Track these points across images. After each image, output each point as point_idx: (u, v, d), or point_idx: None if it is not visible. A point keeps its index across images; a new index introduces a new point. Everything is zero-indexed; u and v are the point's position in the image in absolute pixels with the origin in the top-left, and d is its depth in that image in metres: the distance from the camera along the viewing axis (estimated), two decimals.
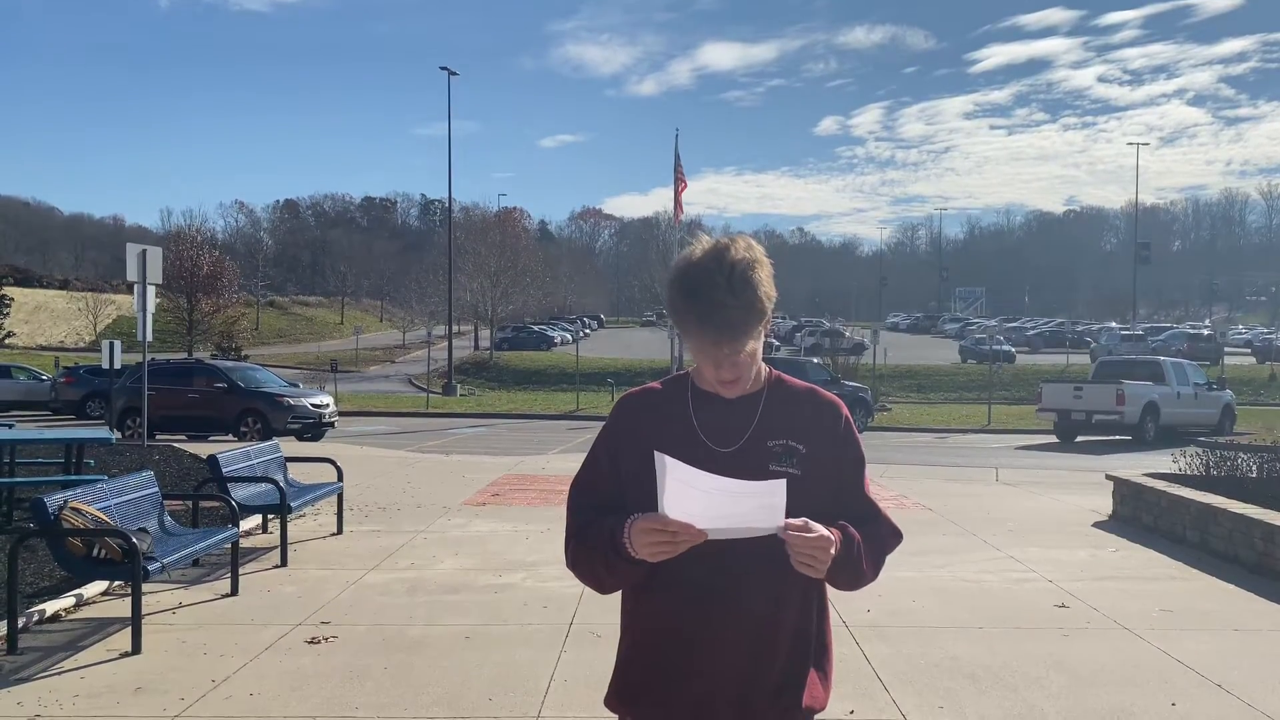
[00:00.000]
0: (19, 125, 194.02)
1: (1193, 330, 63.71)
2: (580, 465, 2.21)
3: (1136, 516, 10.14)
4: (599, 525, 2.03)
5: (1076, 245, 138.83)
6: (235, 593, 6.95)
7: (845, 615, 6.19)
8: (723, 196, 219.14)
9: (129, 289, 23.79)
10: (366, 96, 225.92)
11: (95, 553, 5.95)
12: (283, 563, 7.94)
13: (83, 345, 67.37)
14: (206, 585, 7.23)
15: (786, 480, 1.90)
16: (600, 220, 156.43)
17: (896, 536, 2.18)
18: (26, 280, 74.64)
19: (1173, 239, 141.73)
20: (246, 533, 8.72)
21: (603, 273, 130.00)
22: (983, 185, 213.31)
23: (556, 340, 71.30)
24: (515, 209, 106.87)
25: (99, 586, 6.79)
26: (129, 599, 5.82)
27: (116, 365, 21.87)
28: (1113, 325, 72.40)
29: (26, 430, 14.75)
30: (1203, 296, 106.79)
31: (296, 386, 25.99)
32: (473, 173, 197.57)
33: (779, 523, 1.88)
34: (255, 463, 8.97)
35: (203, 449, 14.82)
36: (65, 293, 76.88)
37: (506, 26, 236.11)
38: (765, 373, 2.13)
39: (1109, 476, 11.12)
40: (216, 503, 8.68)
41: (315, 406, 22.52)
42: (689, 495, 1.87)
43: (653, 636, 2.08)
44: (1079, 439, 24.16)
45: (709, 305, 1.94)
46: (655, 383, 2.21)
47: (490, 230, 68.33)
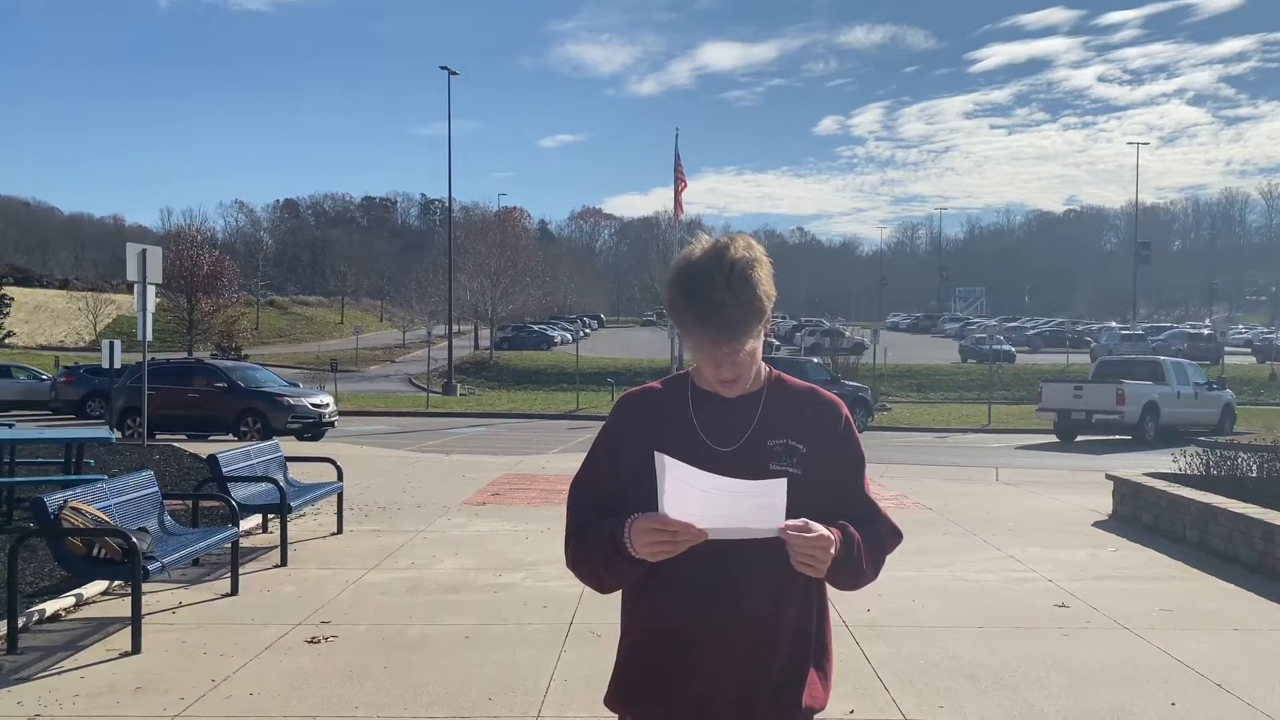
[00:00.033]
0: (19, 125, 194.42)
1: (1193, 330, 63.71)
2: (580, 465, 2.21)
3: (1136, 516, 10.14)
4: (599, 525, 2.03)
5: (1076, 245, 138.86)
6: (235, 592, 6.95)
7: (845, 615, 6.19)
8: (723, 196, 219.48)
9: (129, 289, 23.80)
10: (366, 96, 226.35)
11: (95, 552, 5.95)
12: (283, 562, 7.94)
13: (83, 345, 67.37)
14: (206, 585, 7.23)
15: (787, 480, 1.90)
16: (600, 220, 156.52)
17: (896, 536, 2.18)
18: (26, 280, 74.61)
19: (1173, 239, 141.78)
20: (246, 532, 8.72)
21: (603, 272, 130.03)
22: (983, 185, 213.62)
23: (556, 340, 71.30)
24: (515, 209, 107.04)
25: (99, 586, 6.79)
26: (129, 599, 5.82)
27: (116, 365, 21.88)
28: (1113, 325, 72.38)
29: (26, 430, 14.76)
30: (1203, 296, 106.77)
31: (296, 386, 25.98)
32: (473, 172, 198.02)
33: (779, 523, 1.88)
34: (255, 462, 8.97)
35: (203, 449, 14.82)
36: (65, 292, 76.87)
37: (506, 26, 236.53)
38: (765, 372, 2.13)
39: (1109, 476, 11.12)
40: (216, 502, 8.68)
41: (315, 406, 22.53)
42: (689, 495, 1.86)
43: (653, 636, 2.08)
44: (1079, 439, 24.16)
45: (708, 304, 1.94)
46: (655, 382, 2.21)
47: (490, 230, 68.34)
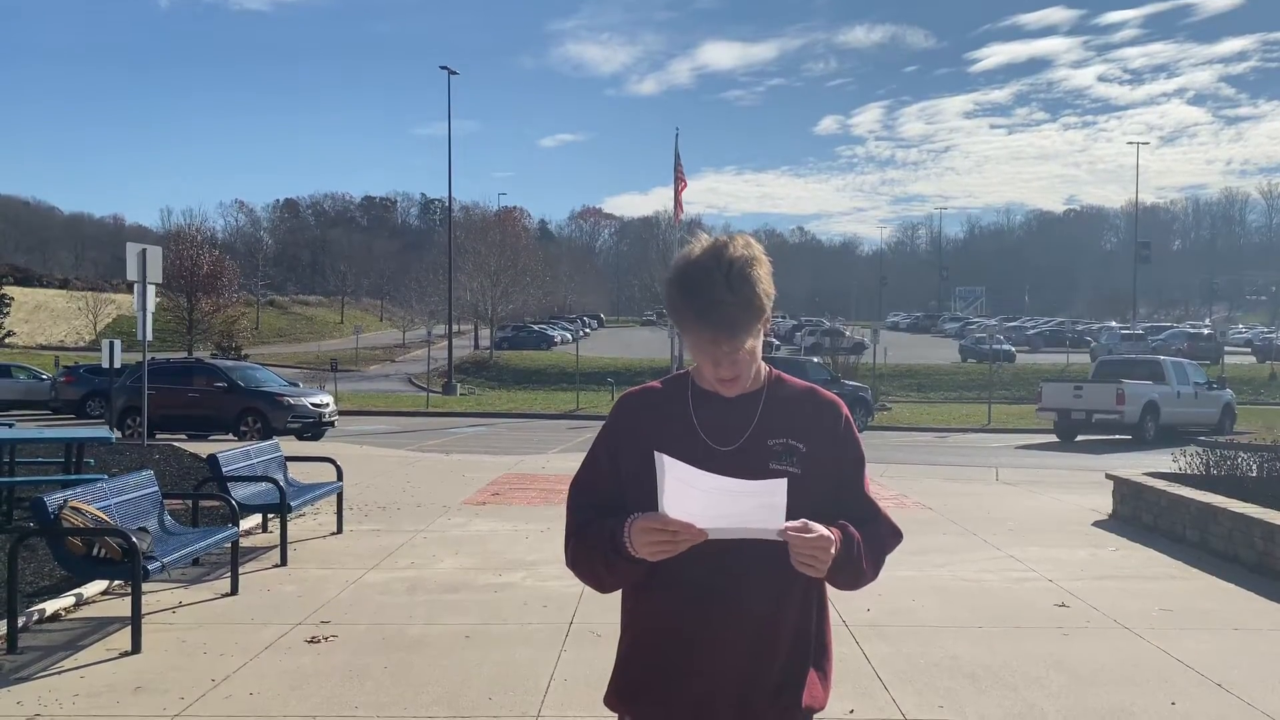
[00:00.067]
0: (19, 125, 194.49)
1: (1193, 329, 63.72)
2: (580, 464, 2.21)
3: (1136, 516, 10.14)
4: (599, 524, 2.03)
5: (1076, 244, 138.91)
6: (235, 592, 6.95)
7: (845, 614, 6.19)
8: (723, 196, 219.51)
9: (129, 288, 23.81)
10: (366, 96, 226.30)
11: (95, 552, 5.95)
12: (283, 562, 7.94)
13: (83, 344, 67.38)
14: (206, 584, 7.23)
15: (787, 479, 1.90)
16: (600, 219, 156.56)
17: (896, 536, 2.18)
18: (26, 279, 74.59)
19: (1173, 238, 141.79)
20: (246, 532, 8.72)
21: (603, 272, 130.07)
22: (983, 184, 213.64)
23: (556, 340, 71.30)
24: (515, 208, 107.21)
25: (99, 586, 6.79)
26: (129, 598, 5.82)
27: (116, 364, 21.87)
28: (1113, 325, 72.37)
29: (26, 429, 14.76)
30: (1203, 296, 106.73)
31: (296, 386, 25.96)
32: (473, 172, 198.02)
33: (779, 523, 1.88)
34: (255, 462, 8.97)
35: (203, 448, 14.82)
36: (65, 292, 76.84)
37: (506, 26, 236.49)
38: (765, 372, 2.13)
39: (1109, 476, 11.12)
40: (216, 502, 8.68)
41: (315, 406, 22.52)
42: (689, 495, 1.86)
43: (653, 636, 2.07)
44: (1079, 438, 24.16)
45: (707, 302, 1.94)
46: (655, 382, 2.21)
47: (490, 229, 68.34)
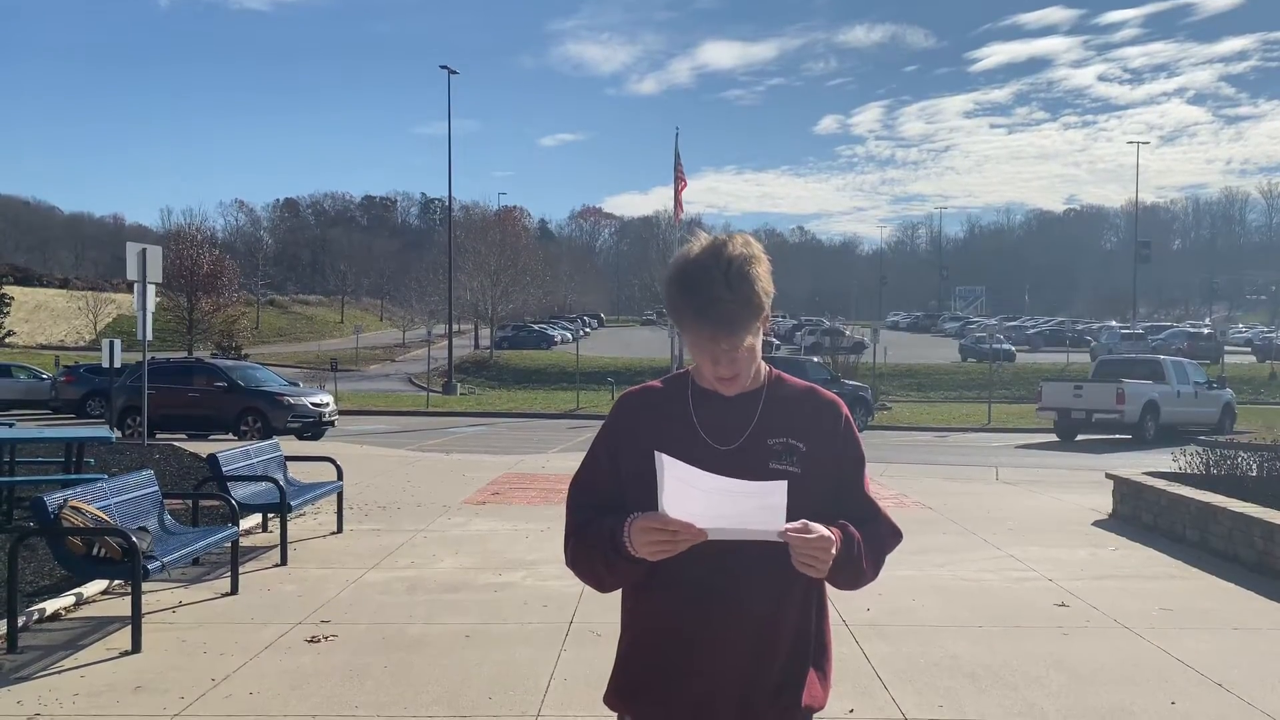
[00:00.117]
0: (19, 124, 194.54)
1: (1193, 329, 63.69)
2: (580, 464, 2.21)
3: (1136, 515, 10.13)
4: (599, 523, 2.03)
5: (1076, 244, 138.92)
6: (235, 591, 6.95)
7: (845, 614, 6.19)
8: (723, 195, 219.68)
9: (129, 288, 23.81)
10: (366, 95, 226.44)
11: (95, 551, 5.95)
12: (283, 561, 7.94)
13: (83, 344, 67.38)
14: (206, 584, 7.23)
15: (787, 480, 1.90)
16: (600, 219, 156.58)
17: (896, 536, 2.17)
18: (27, 279, 74.57)
19: (1173, 238, 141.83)
20: (246, 532, 8.72)
21: (603, 271, 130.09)
22: (983, 184, 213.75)
23: (556, 339, 71.29)
24: (515, 208, 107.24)
25: (99, 585, 6.79)
26: (129, 598, 5.82)
27: (116, 364, 21.88)
28: (1113, 324, 72.39)
29: (27, 429, 14.76)
30: (1203, 295, 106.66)
31: (296, 385, 25.96)
32: (473, 171, 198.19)
33: (779, 524, 1.88)
34: (255, 461, 8.97)
35: (203, 448, 14.82)
36: (65, 292, 76.81)
37: (506, 25, 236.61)
38: (765, 371, 2.13)
39: (1109, 475, 11.12)
40: (216, 502, 8.67)
41: (315, 405, 22.52)
42: (689, 494, 1.86)
43: (653, 636, 2.07)
44: (1079, 438, 24.16)
45: (706, 300, 1.94)
46: (655, 381, 2.21)
47: (490, 229, 68.32)
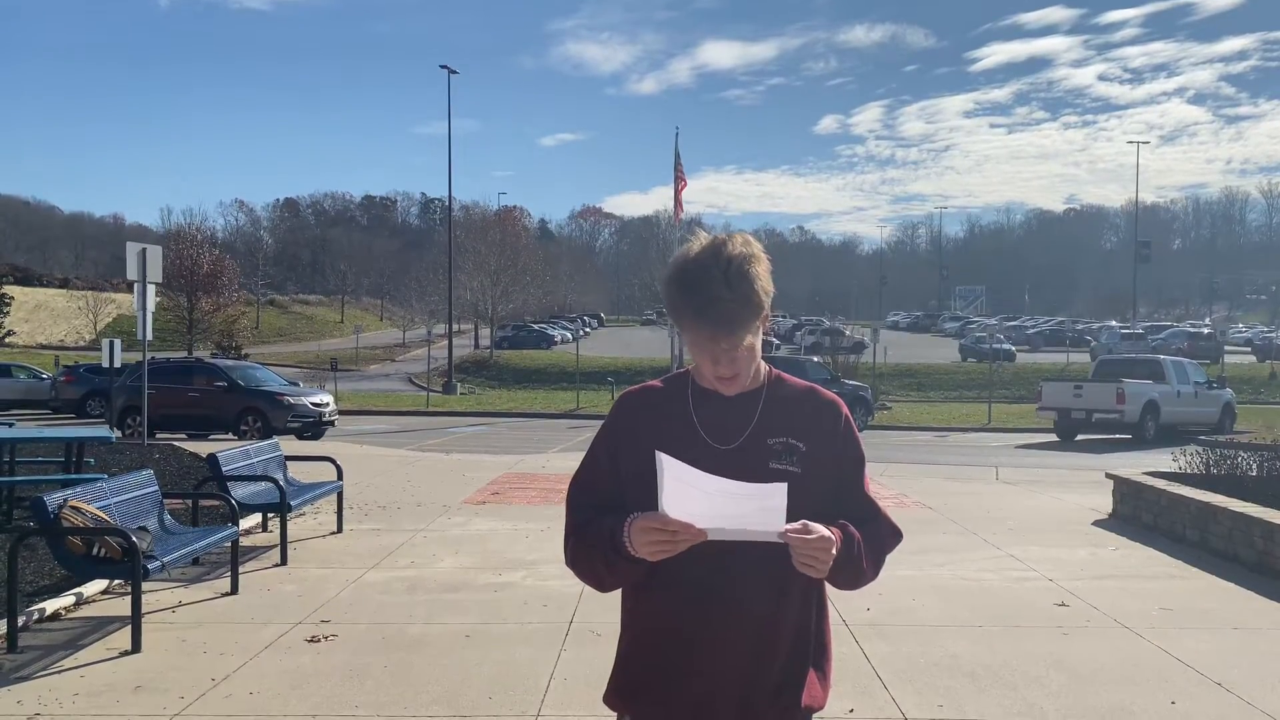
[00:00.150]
0: (19, 123, 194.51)
1: (1193, 329, 63.69)
2: (579, 463, 2.21)
3: (1136, 515, 10.13)
4: (599, 523, 2.03)
5: (1076, 244, 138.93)
6: (235, 591, 6.95)
7: (845, 614, 6.19)
8: (723, 195, 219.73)
9: (129, 288, 23.79)
10: (367, 95, 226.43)
11: (95, 551, 5.95)
12: (282, 561, 7.94)
13: (83, 344, 67.35)
14: (206, 584, 7.23)
15: (787, 479, 1.90)
16: (600, 219, 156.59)
17: (896, 536, 2.17)
18: (27, 279, 74.56)
19: (1173, 237, 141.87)
20: (246, 531, 8.72)
21: (603, 271, 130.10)
22: (983, 184, 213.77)
23: (556, 339, 71.28)
24: (515, 207, 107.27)
25: (99, 585, 6.79)
26: (129, 598, 5.82)
27: (116, 364, 21.87)
28: (1113, 324, 72.39)
29: (27, 429, 14.76)
30: (1203, 295, 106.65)
31: (296, 385, 25.96)
32: (473, 171, 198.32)
33: (779, 526, 1.88)
34: (255, 461, 8.97)
35: (203, 448, 14.81)
36: (65, 291, 76.79)
37: (506, 25, 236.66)
38: (765, 371, 2.13)
39: (1109, 475, 11.12)
40: (216, 501, 8.67)
41: (315, 405, 22.52)
42: (689, 495, 1.86)
43: (653, 636, 2.07)
44: (1079, 438, 24.16)
45: (706, 300, 1.94)
46: (656, 381, 2.21)
47: (490, 229, 68.31)
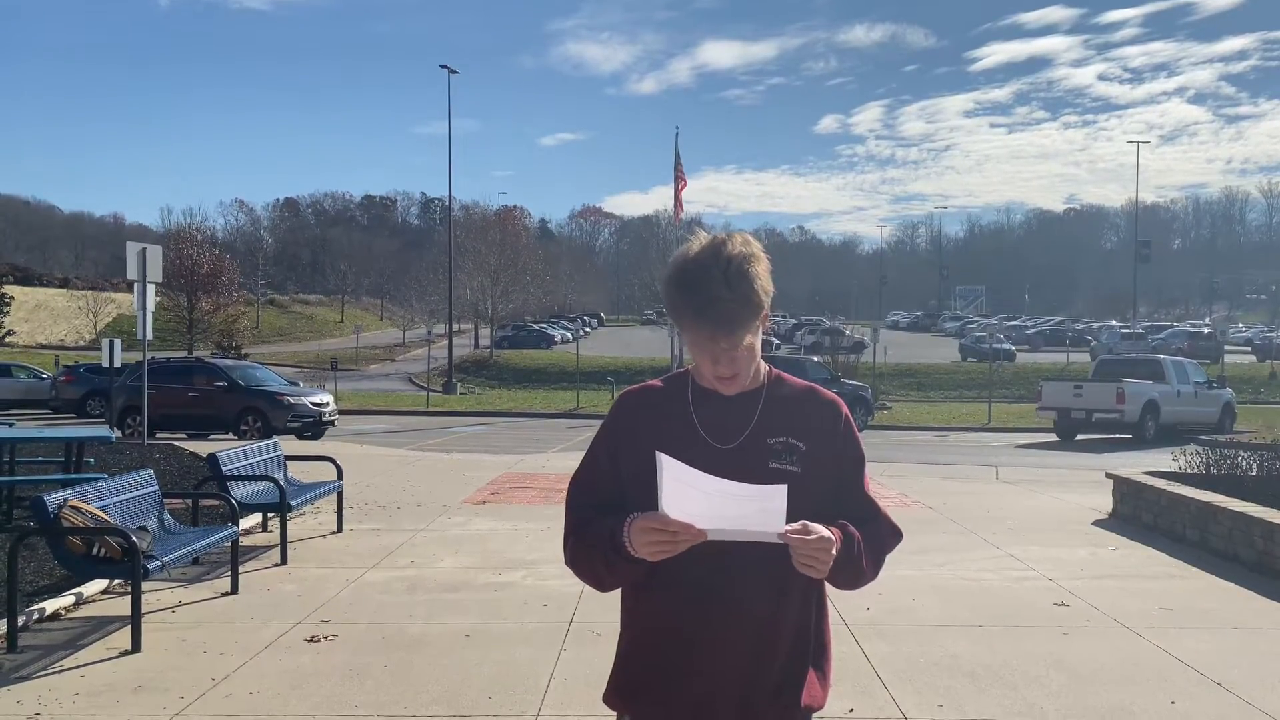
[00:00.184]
0: (19, 123, 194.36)
1: (1193, 329, 63.73)
2: (579, 463, 2.21)
3: (1136, 515, 10.13)
4: (598, 523, 2.03)
5: (1077, 244, 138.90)
6: (235, 591, 6.95)
7: (845, 613, 6.19)
8: (723, 195, 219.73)
9: (129, 287, 23.79)
10: (367, 95, 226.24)
11: (95, 551, 5.95)
12: (282, 561, 7.94)
13: (83, 344, 67.30)
14: (206, 584, 7.23)
15: (787, 480, 1.90)
16: (600, 218, 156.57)
17: (896, 535, 2.18)
18: (27, 279, 74.53)
19: (1173, 237, 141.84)
20: (246, 531, 8.72)
21: (603, 271, 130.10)
22: (983, 183, 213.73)
23: (556, 339, 71.28)
24: (515, 207, 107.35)
25: (99, 585, 6.79)
26: (129, 597, 5.82)
27: (116, 364, 21.85)
28: (1113, 324, 72.40)
29: (27, 428, 14.76)
30: (1203, 295, 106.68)
31: (296, 385, 25.97)
32: (473, 171, 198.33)
33: (779, 527, 1.88)
34: (255, 461, 8.97)
35: (203, 447, 14.81)
36: (65, 291, 76.76)
37: (506, 25, 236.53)
38: (765, 370, 2.13)
39: (1109, 475, 11.12)
40: (216, 501, 8.67)
41: (315, 405, 22.51)
42: (689, 495, 1.86)
43: (653, 636, 2.07)
44: (1079, 437, 24.16)
45: (705, 299, 1.94)
46: (656, 380, 2.21)
47: (490, 228, 68.32)
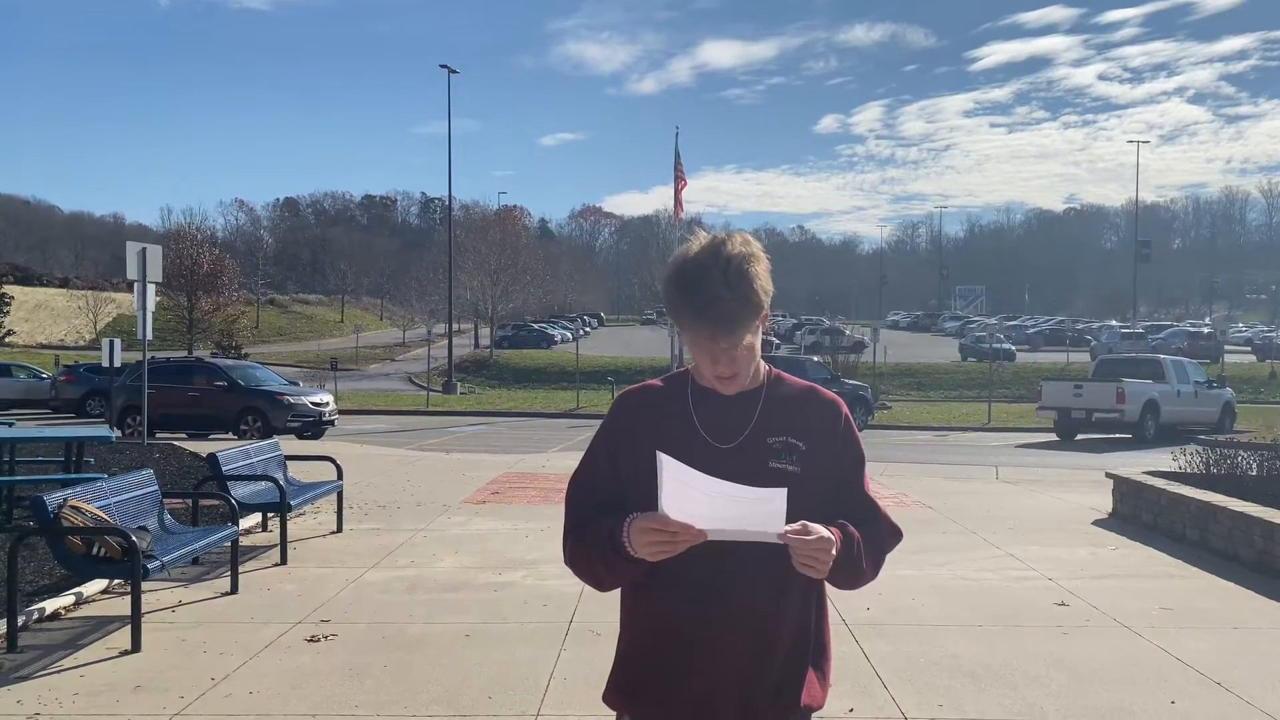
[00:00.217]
0: (19, 123, 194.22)
1: (1193, 328, 63.77)
2: (579, 462, 2.21)
3: (1136, 514, 10.13)
4: (598, 523, 2.03)
5: (1077, 243, 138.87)
6: (235, 591, 6.95)
7: (845, 613, 6.19)
8: (723, 194, 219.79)
9: (129, 287, 23.77)
10: (367, 95, 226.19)
11: (95, 551, 5.96)
12: (282, 561, 7.94)
13: (83, 343, 67.27)
14: (206, 583, 7.23)
15: (787, 479, 1.91)
16: (600, 218, 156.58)
17: (896, 535, 2.17)
18: (27, 278, 74.56)
19: (1173, 237, 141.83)
20: (246, 531, 8.72)
21: (603, 271, 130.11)
22: (983, 183, 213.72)
23: (556, 338, 71.27)
24: (515, 207, 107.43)
25: (99, 585, 6.79)
26: (129, 597, 5.82)
27: (116, 363, 21.85)
28: (1113, 323, 72.41)
29: (27, 428, 14.75)
30: (1203, 295, 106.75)
31: (296, 385, 25.97)
32: (473, 171, 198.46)
33: (779, 528, 1.88)
34: (255, 461, 8.97)
35: (203, 447, 14.81)
36: (65, 291, 76.76)
37: (506, 25, 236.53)
38: (764, 370, 2.13)
39: (1109, 474, 11.12)
40: (216, 501, 8.67)
41: (315, 405, 22.51)
42: (689, 496, 1.86)
43: (652, 636, 2.07)
44: (1079, 437, 24.16)
45: (705, 299, 1.94)
46: (655, 380, 2.21)
47: (490, 228, 68.35)
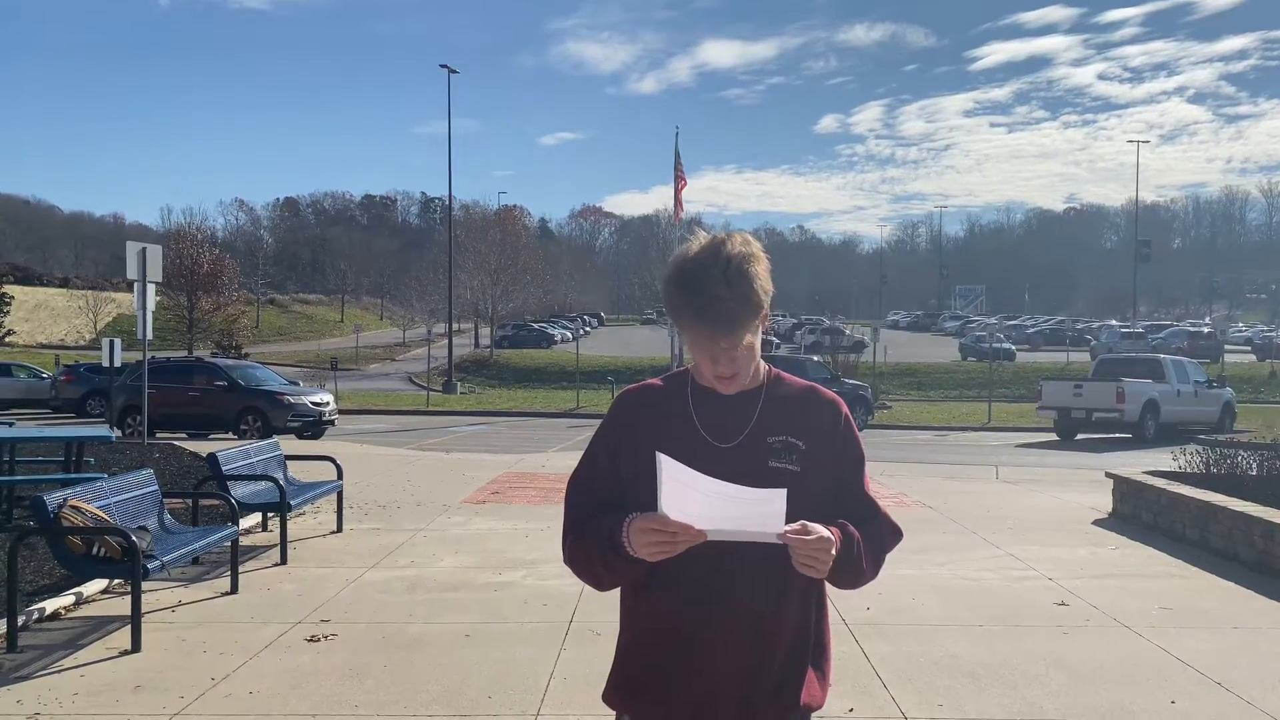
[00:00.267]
0: (19, 123, 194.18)
1: (1193, 328, 63.79)
2: (578, 462, 2.20)
3: (1136, 514, 10.13)
4: (597, 522, 2.03)
5: (1077, 243, 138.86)
6: (235, 591, 6.95)
7: (845, 613, 6.19)
8: (723, 194, 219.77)
9: (129, 287, 23.76)
10: (367, 95, 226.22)
11: (95, 551, 5.96)
12: (282, 561, 7.94)
13: (83, 343, 67.27)
14: (206, 583, 7.23)
15: (786, 479, 1.91)
16: (600, 218, 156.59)
17: (896, 535, 2.17)
18: (27, 278, 74.56)
19: (1173, 237, 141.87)
20: (246, 531, 8.72)
21: (603, 270, 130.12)
22: (983, 183, 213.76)
23: (557, 338, 71.26)
24: (515, 207, 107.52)
25: (99, 585, 6.79)
26: (129, 597, 5.82)
27: (117, 363, 21.84)
28: (1113, 323, 72.42)
29: (27, 428, 14.75)
30: (1203, 294, 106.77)
31: (296, 384, 25.96)
32: (473, 171, 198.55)
33: (778, 529, 1.88)
34: (255, 461, 8.97)
35: (203, 447, 14.81)
36: (65, 291, 76.75)
37: (506, 25, 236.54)
38: (764, 370, 2.13)
39: (1109, 474, 11.12)
40: (216, 501, 8.67)
41: (315, 404, 22.51)
42: (689, 496, 1.86)
43: (652, 635, 2.07)
44: (1079, 437, 24.16)
45: (705, 299, 1.94)
46: (655, 379, 2.21)
47: (490, 228, 68.39)
